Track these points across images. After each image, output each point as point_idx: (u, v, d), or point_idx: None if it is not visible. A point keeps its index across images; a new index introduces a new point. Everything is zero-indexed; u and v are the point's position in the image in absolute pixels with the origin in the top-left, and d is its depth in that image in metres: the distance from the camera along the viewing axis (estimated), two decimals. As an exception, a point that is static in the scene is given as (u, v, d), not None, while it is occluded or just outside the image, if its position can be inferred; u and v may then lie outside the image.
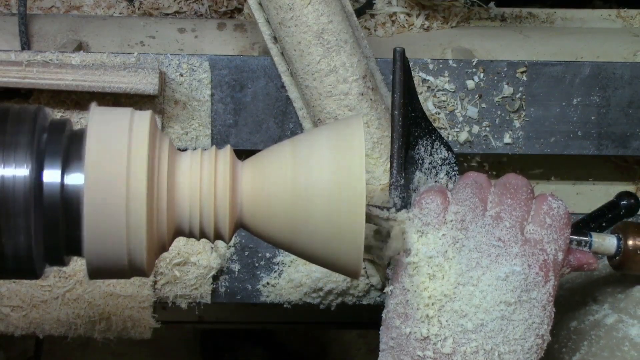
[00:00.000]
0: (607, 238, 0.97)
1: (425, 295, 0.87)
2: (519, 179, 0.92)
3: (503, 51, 1.37)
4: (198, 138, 1.21)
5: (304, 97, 1.16)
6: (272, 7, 1.11)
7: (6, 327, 1.18)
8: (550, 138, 1.23)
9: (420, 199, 0.90)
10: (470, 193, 0.89)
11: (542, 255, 0.88)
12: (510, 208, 0.89)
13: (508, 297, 0.86)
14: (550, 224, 0.89)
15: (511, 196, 0.90)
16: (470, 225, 0.88)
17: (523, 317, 0.86)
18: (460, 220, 0.88)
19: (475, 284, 0.86)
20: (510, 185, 0.91)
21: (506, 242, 0.88)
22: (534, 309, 0.87)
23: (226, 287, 1.23)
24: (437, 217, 0.88)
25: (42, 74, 1.12)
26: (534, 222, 0.90)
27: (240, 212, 0.82)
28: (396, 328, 0.88)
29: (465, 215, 0.88)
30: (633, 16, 1.48)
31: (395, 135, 0.91)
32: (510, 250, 0.87)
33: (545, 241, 0.89)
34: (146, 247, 0.76)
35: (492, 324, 0.86)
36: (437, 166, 0.97)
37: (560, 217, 0.90)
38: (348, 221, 0.80)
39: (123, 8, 1.48)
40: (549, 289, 0.88)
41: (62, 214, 0.75)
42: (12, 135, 0.74)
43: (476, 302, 0.86)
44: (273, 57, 1.17)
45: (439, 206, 0.89)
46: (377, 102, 1.14)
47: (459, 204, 0.89)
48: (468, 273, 0.87)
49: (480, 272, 0.87)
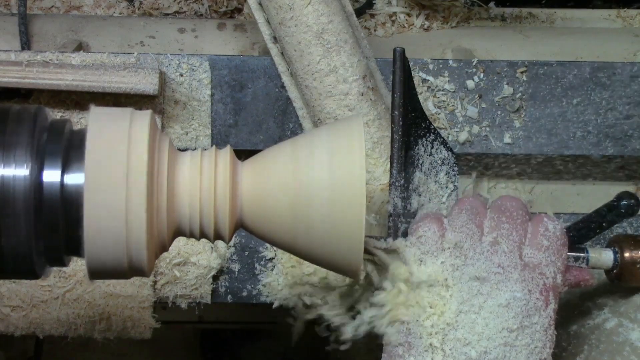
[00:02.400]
0: (603, 252, 0.97)
1: (427, 325, 0.86)
2: (514, 200, 0.91)
3: (503, 51, 1.37)
4: (198, 138, 1.21)
5: (303, 97, 1.16)
6: (272, 7, 1.11)
7: (6, 327, 1.18)
8: (550, 138, 1.23)
9: (417, 227, 0.89)
10: (467, 219, 0.89)
11: (541, 279, 0.88)
12: (507, 232, 0.88)
13: (510, 324, 0.85)
14: (547, 246, 0.89)
15: (507, 220, 0.89)
16: (468, 252, 0.87)
17: (525, 343, 0.86)
18: (458, 247, 0.88)
19: (477, 312, 0.86)
20: (506, 208, 0.90)
21: (505, 268, 0.87)
22: (536, 333, 0.86)
23: (226, 287, 1.23)
24: (435, 245, 0.88)
25: (42, 74, 1.12)
26: (532, 245, 0.89)
27: (240, 212, 0.82)
28: (399, 357, 0.88)
29: (463, 242, 0.88)
30: (633, 16, 1.48)
31: (395, 135, 0.91)
32: (510, 276, 0.87)
33: (544, 264, 0.88)
34: (146, 247, 0.76)
35: (495, 351, 0.85)
36: (437, 166, 0.97)
37: (557, 238, 0.90)
38: (348, 221, 0.80)
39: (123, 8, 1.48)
40: (549, 312, 0.88)
41: (62, 214, 0.75)
42: (12, 135, 0.74)
43: (479, 329, 0.85)
44: (273, 57, 1.17)
45: (436, 233, 0.88)
46: (377, 102, 1.14)
47: (456, 231, 0.88)
48: (470, 301, 0.86)
49: (481, 300, 0.86)
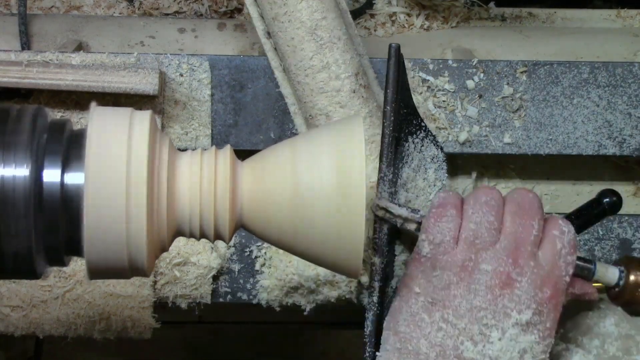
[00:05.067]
0: (609, 268, 0.97)
1: None
2: (531, 196, 0.90)
3: (503, 51, 1.37)
4: (198, 138, 1.21)
5: (296, 93, 1.16)
6: (266, 2, 1.11)
7: (6, 327, 1.18)
8: (550, 138, 1.23)
9: (436, 212, 0.89)
10: (487, 212, 0.88)
11: (552, 281, 0.88)
12: (524, 230, 0.88)
13: (519, 318, 0.86)
14: (560, 249, 0.89)
15: (525, 216, 0.89)
16: (486, 246, 0.88)
17: (528, 340, 0.87)
18: (474, 239, 0.87)
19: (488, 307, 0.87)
20: (524, 203, 0.90)
21: (523, 267, 0.87)
22: (539, 332, 0.87)
23: (226, 287, 1.23)
24: (453, 231, 0.88)
25: (42, 74, 1.12)
26: (545, 246, 0.89)
27: (240, 212, 0.82)
28: (403, 333, 0.88)
29: (481, 234, 0.88)
30: (633, 16, 1.48)
31: (386, 130, 0.91)
32: (523, 276, 0.87)
33: (556, 266, 0.89)
34: (146, 247, 0.76)
35: (500, 343, 0.86)
36: (426, 163, 0.97)
37: (569, 243, 0.90)
38: (348, 221, 0.80)
39: (123, 8, 1.48)
40: (555, 315, 0.89)
41: (62, 214, 0.75)
42: (12, 135, 0.74)
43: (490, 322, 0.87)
44: (266, 52, 1.16)
45: (455, 219, 0.88)
46: (369, 99, 1.14)
47: (473, 222, 0.88)
48: (484, 293, 0.87)
49: (497, 293, 0.87)
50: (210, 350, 2.08)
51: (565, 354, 0.97)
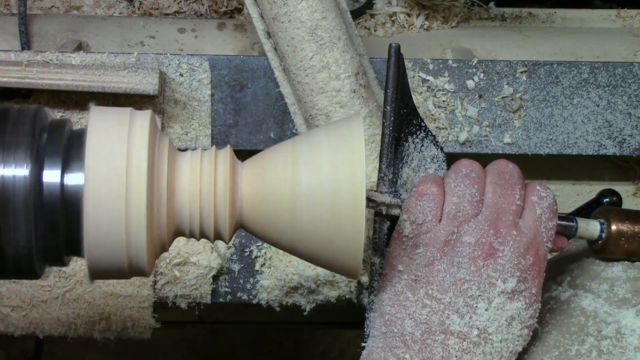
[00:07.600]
0: (590, 222, 0.97)
1: None
2: (511, 166, 0.92)
3: (503, 51, 1.37)
4: (198, 138, 1.21)
5: (296, 93, 1.16)
6: (266, 2, 1.11)
7: (6, 327, 1.18)
8: (550, 138, 1.23)
9: (417, 190, 0.90)
10: (468, 184, 0.89)
11: (534, 248, 0.89)
12: (505, 199, 0.89)
13: (505, 287, 0.87)
14: (540, 215, 0.90)
15: (505, 186, 0.90)
16: (468, 218, 0.88)
17: (515, 307, 0.88)
18: (457, 212, 0.88)
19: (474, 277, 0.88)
20: (504, 173, 0.91)
21: (505, 236, 0.88)
22: (525, 299, 0.88)
23: (226, 287, 1.23)
24: (435, 211, 0.89)
25: (42, 74, 1.12)
26: (526, 213, 0.90)
27: (240, 212, 0.82)
28: (388, 314, 0.89)
29: (463, 207, 0.88)
30: (633, 16, 1.48)
31: (386, 130, 0.92)
32: (506, 245, 0.88)
33: (537, 232, 0.90)
34: (146, 248, 0.76)
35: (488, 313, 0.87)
36: (426, 163, 0.98)
37: (549, 206, 0.91)
38: (348, 221, 0.80)
39: (123, 8, 1.48)
40: (540, 280, 0.89)
41: (62, 214, 0.75)
42: (12, 135, 0.75)
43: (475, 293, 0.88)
44: (266, 52, 1.16)
45: (437, 196, 0.89)
46: (369, 99, 1.14)
47: (455, 196, 0.89)
48: (469, 264, 0.87)
49: (481, 264, 0.87)
50: (210, 350, 2.08)
51: (574, 299, 0.97)
